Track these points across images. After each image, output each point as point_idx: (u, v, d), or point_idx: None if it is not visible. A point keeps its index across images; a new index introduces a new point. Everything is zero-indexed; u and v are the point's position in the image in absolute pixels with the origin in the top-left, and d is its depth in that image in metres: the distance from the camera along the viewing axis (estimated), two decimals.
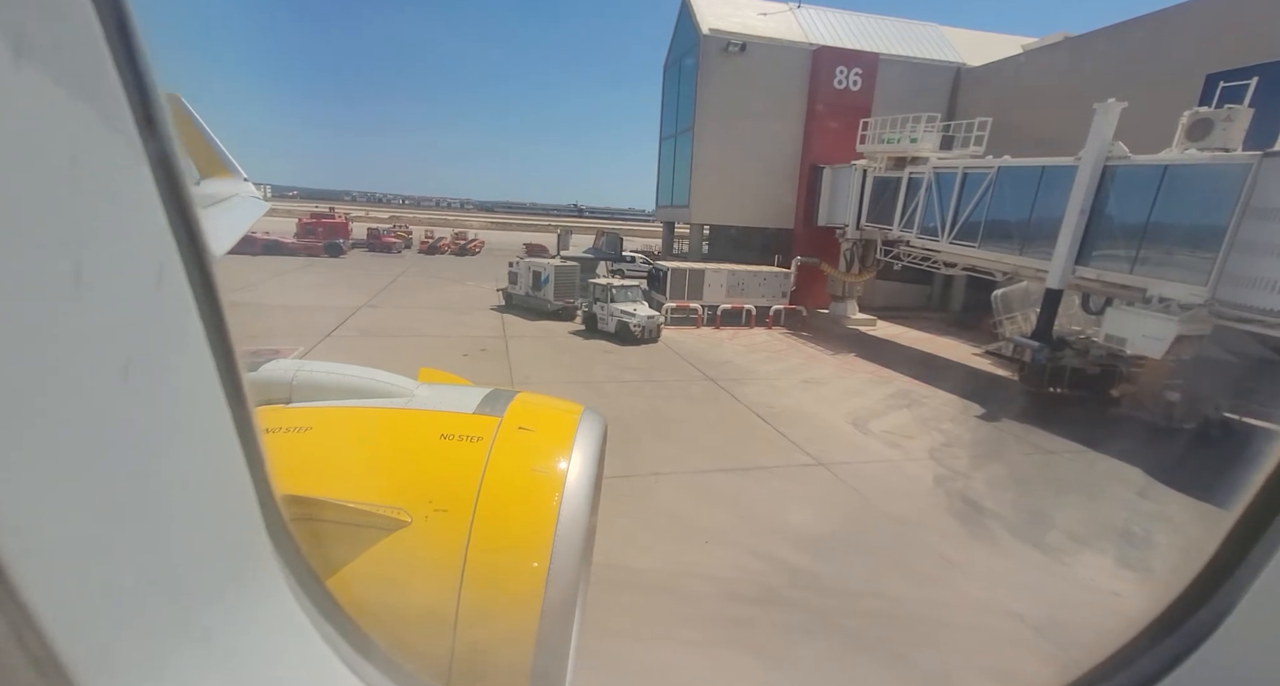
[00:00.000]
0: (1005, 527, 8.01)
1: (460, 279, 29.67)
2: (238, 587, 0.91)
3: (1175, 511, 8.63)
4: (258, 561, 0.99)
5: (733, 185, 26.82)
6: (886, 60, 26.67)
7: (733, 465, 9.49)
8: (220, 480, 0.90)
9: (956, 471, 9.83)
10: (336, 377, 1.87)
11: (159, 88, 0.69)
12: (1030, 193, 15.28)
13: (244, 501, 0.95)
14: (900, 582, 6.53)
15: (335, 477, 1.56)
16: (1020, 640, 5.75)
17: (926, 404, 13.57)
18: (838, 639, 5.53)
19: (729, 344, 18.83)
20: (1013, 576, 6.84)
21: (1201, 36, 17.97)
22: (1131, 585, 6.76)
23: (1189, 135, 11.94)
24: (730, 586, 6.29)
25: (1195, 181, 11.43)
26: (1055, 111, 21.38)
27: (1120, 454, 10.63)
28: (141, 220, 0.71)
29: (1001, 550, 7.45)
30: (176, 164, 0.73)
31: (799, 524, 7.72)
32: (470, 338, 17.05)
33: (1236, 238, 10.53)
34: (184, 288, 0.77)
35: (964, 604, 6.24)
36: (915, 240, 19.53)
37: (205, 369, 0.83)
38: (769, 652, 5.29)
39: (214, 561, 0.87)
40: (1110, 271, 13.03)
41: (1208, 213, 11.10)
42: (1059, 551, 7.44)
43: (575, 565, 1.45)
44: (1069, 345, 14.47)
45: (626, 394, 12.92)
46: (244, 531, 0.96)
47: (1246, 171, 10.38)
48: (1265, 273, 9.98)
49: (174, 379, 0.78)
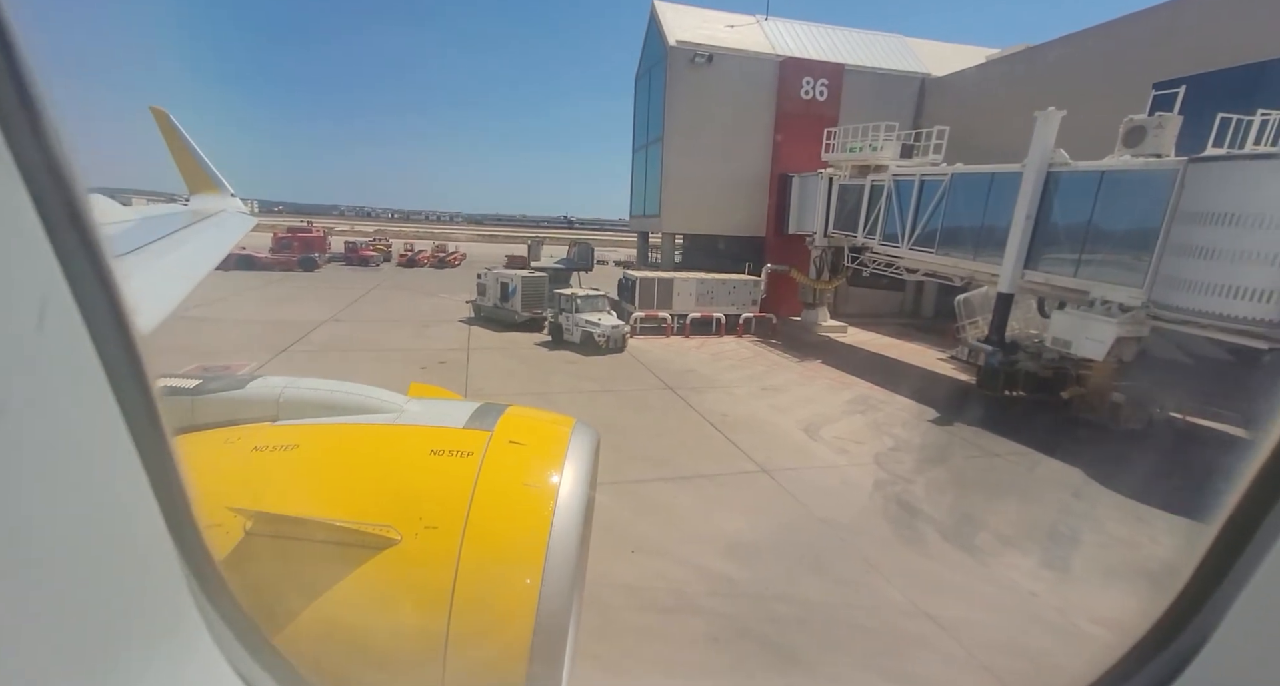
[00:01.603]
0: (936, 530, 8.04)
1: (434, 291, 29.62)
2: (149, 643, 0.81)
3: (1105, 511, 8.71)
4: (174, 610, 0.88)
5: (703, 195, 27.07)
6: (852, 70, 27.14)
7: (675, 474, 9.49)
8: (118, 523, 0.78)
9: (898, 476, 9.88)
10: (325, 394, 1.85)
11: (35, 77, 0.58)
12: (982, 199, 15.54)
13: (152, 542, 0.85)
14: (818, 587, 6.53)
15: (323, 496, 1.54)
16: (928, 641, 5.76)
17: (882, 409, 13.65)
18: (743, 645, 5.52)
19: (695, 353, 18.89)
20: (933, 578, 6.87)
21: (1147, 47, 18.46)
22: (1049, 585, 6.80)
23: (1125, 142, 12.22)
24: (647, 596, 6.27)
25: (1130, 187, 11.69)
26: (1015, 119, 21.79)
27: (1063, 456, 10.73)
28: (13, 246, 0.58)
29: (927, 553, 7.48)
30: (65, 171, 0.62)
31: (730, 532, 7.72)
32: (432, 351, 17.00)
33: (1168, 241, 10.76)
34: (74, 320, 0.66)
35: (878, 606, 6.25)
36: (878, 247, 19.76)
37: (99, 404, 0.72)
38: (668, 662, 5.26)
39: (113, 620, 0.75)
40: (1057, 275, 13.25)
41: (1142, 217, 11.34)
42: (984, 553, 7.48)
43: (569, 580, 1.43)
44: (1022, 348, 14.66)
45: (580, 405, 12.91)
46: (154, 578, 0.85)
47: (1175, 176, 10.64)
48: (1195, 275, 10.18)
49: (58, 420, 0.66)
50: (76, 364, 0.68)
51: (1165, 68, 17.27)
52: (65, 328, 0.65)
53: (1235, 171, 9.77)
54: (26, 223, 0.59)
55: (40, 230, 0.61)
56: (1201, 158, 10.43)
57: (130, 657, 0.77)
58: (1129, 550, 7.66)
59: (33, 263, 0.61)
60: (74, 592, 0.69)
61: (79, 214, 0.64)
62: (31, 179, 0.58)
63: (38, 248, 0.61)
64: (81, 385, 0.70)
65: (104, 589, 0.75)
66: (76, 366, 0.68)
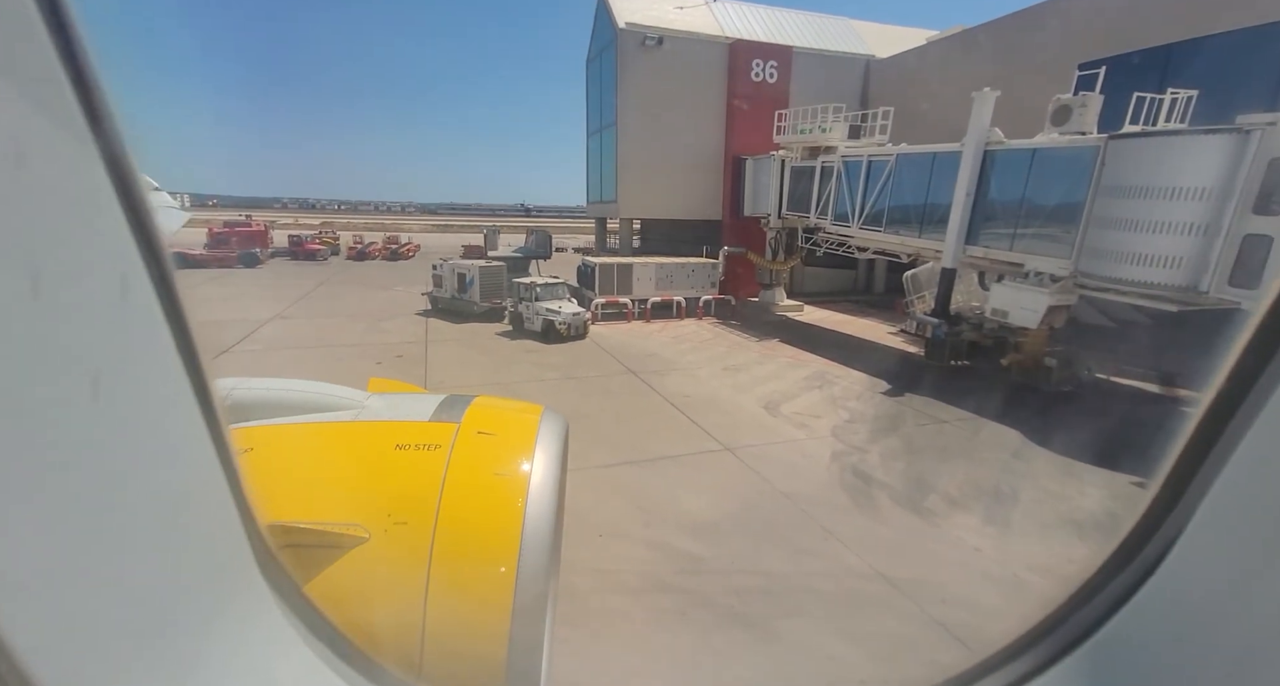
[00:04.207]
0: (889, 496, 8.47)
1: (388, 285, 28.67)
2: (224, 606, 0.89)
3: (1040, 468, 9.37)
4: (244, 579, 0.97)
5: (659, 179, 27.02)
6: (801, 53, 27.43)
7: (640, 457, 9.62)
8: (201, 497, 0.86)
9: (854, 447, 10.31)
10: (278, 394, 1.77)
11: (105, 84, 0.64)
12: (925, 178, 16.12)
13: (226, 518, 0.92)
14: (781, 557, 6.81)
15: (282, 499, 1.47)
16: (884, 601, 6.12)
17: (838, 384, 14.15)
18: (710, 618, 5.72)
19: (656, 337, 19.02)
20: (888, 542, 7.26)
21: (1069, 29, 19.37)
22: (992, 540, 7.30)
23: (1053, 120, 12.88)
24: (616, 578, 6.39)
25: (1057, 163, 12.36)
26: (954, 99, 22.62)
27: (1003, 419, 11.43)
28: (100, 225, 0.66)
29: (882, 518, 7.89)
30: (131, 165, 0.68)
31: (695, 510, 7.91)
32: (388, 345, 16.52)
33: (1092, 214, 11.47)
34: (150, 297, 0.73)
35: (837, 572, 6.57)
36: (830, 226, 20.27)
37: (179, 383, 0.79)
38: (639, 638, 5.41)
39: (198, 581, 0.84)
40: (995, 249, 13.94)
41: (1069, 191, 12.03)
42: (934, 514, 7.94)
43: (544, 566, 1.42)
44: (965, 320, 15.41)
45: (544, 393, 12.85)
46: (228, 548, 0.93)
47: (1097, 153, 11.30)
48: (1116, 245, 10.91)
49: (147, 394, 0.74)
50: (152, 334, 0.75)
51: (1089, 49, 18.20)
52: (142, 303, 0.73)
53: (1147, 147, 10.46)
54: (110, 208, 0.67)
55: (121, 215, 0.68)
56: (1119, 135, 11.11)
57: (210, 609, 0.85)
58: (1061, 503, 8.28)
59: (116, 243, 0.69)
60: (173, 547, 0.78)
61: (144, 202, 0.71)
62: (109, 168, 0.66)
63: (119, 231, 0.69)
64: (157, 357, 0.76)
65: (190, 549, 0.83)
66: (150, 340, 0.75)
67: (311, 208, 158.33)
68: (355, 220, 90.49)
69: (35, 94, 0.58)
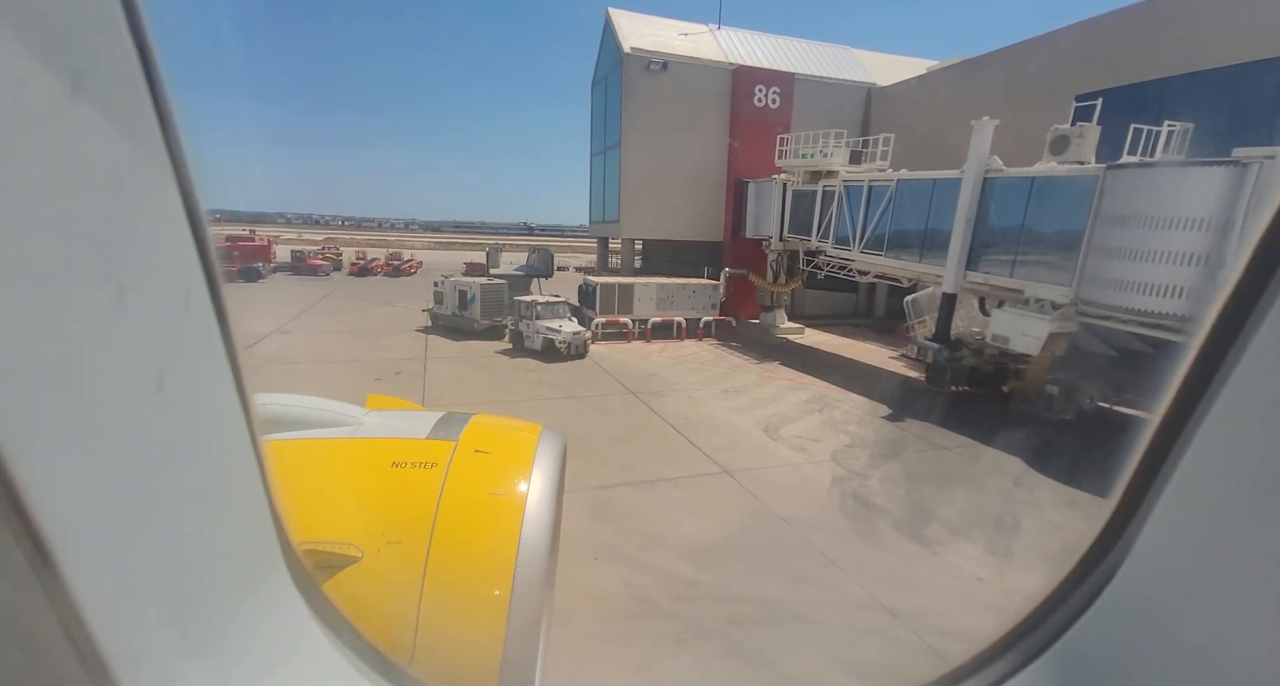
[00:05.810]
0: (890, 523, 8.34)
1: (388, 300, 28.78)
2: (254, 595, 0.94)
3: (1043, 496, 9.23)
4: (272, 571, 1.02)
5: (661, 200, 27.31)
6: (803, 79, 27.99)
7: (637, 479, 9.50)
8: (238, 491, 0.93)
9: (854, 472, 10.19)
10: (274, 409, 1.75)
11: (178, 116, 0.72)
12: (925, 203, 16.28)
13: (259, 513, 0.98)
14: (779, 585, 6.66)
15: None
16: (884, 632, 5.96)
17: (838, 408, 14.06)
18: (705, 646, 5.57)
19: (656, 357, 18.99)
20: (888, 570, 7.11)
21: (1066, 62, 19.79)
22: (994, 570, 7.15)
23: (1051, 150, 13.06)
24: (611, 603, 6.24)
25: (1057, 191, 12.48)
26: (954, 127, 23.01)
27: (1004, 446, 11.32)
28: (172, 241, 0.74)
29: (882, 545, 7.74)
30: (195, 189, 0.76)
31: (693, 534, 7.78)
32: (387, 361, 16.49)
33: (1092, 242, 11.54)
34: (207, 308, 0.81)
35: (836, 600, 6.42)
36: (831, 250, 20.41)
37: (227, 386, 0.87)
38: (633, 665, 5.25)
39: (233, 567, 0.91)
40: (995, 275, 13.99)
41: (1068, 219, 12.12)
42: (935, 542, 7.80)
43: (539, 590, 1.40)
44: (966, 346, 15.39)
45: (542, 412, 12.76)
46: (259, 541, 0.99)
47: (1096, 182, 11.43)
48: (1116, 273, 10.95)
49: (200, 393, 0.82)
50: (210, 343, 0.82)
51: (1086, 81, 18.57)
52: (201, 312, 0.80)
53: (1147, 178, 10.58)
54: (180, 229, 0.75)
55: (189, 235, 0.76)
56: (1118, 165, 11.24)
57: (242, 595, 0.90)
58: (1064, 533, 8.13)
59: (183, 259, 0.76)
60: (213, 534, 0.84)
61: (203, 223, 0.78)
62: (183, 191, 0.74)
63: (186, 249, 0.76)
64: (211, 361, 0.83)
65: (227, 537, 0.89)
66: (206, 345, 0.82)
67: (316, 223, 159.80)
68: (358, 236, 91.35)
69: (133, 129, 0.66)
